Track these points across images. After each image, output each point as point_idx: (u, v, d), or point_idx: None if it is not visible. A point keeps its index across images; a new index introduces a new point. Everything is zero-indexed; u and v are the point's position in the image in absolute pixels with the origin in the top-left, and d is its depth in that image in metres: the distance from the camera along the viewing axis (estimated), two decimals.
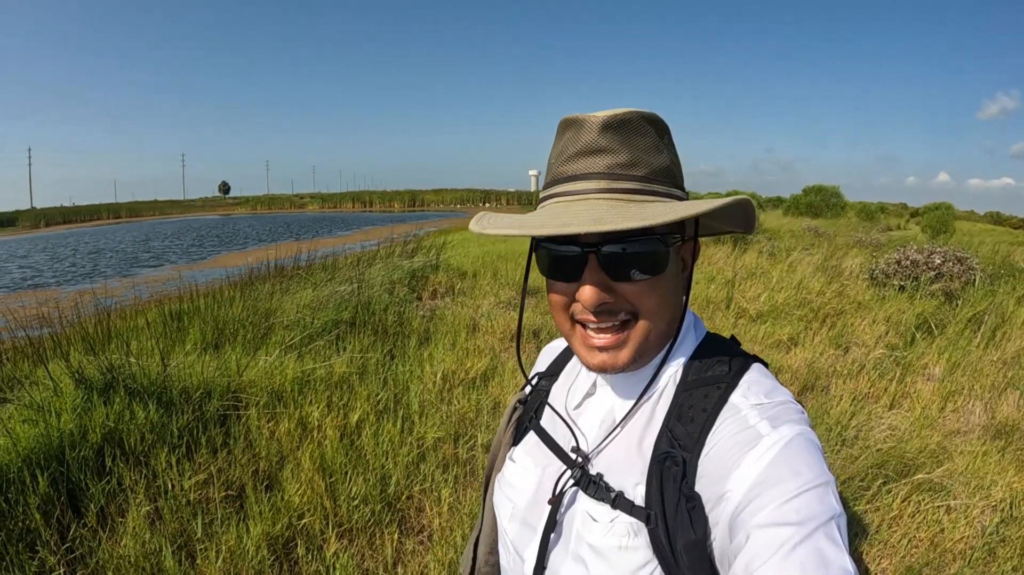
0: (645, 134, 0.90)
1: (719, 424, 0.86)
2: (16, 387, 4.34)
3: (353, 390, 4.69)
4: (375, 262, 9.86)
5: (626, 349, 0.92)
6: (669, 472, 0.85)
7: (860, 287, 9.33)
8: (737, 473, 0.78)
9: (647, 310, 0.91)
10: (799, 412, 0.86)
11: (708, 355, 0.96)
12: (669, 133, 0.95)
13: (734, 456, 0.80)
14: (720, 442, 0.83)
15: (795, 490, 0.73)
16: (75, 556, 3.01)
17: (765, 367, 0.96)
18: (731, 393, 0.88)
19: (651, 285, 0.90)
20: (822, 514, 0.72)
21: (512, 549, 1.06)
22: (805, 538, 0.69)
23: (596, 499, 0.92)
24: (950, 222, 26.24)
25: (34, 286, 18.94)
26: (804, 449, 0.79)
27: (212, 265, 20.03)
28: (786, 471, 0.76)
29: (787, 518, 0.71)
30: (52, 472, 3.31)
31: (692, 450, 0.85)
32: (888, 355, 6.19)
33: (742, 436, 0.82)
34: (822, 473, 0.76)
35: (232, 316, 6.20)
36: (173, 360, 4.58)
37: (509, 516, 1.07)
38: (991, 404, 5.12)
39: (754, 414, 0.84)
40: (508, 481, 1.10)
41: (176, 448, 3.69)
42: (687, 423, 0.88)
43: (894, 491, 3.69)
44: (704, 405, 0.88)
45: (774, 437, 0.80)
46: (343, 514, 3.35)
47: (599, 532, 0.90)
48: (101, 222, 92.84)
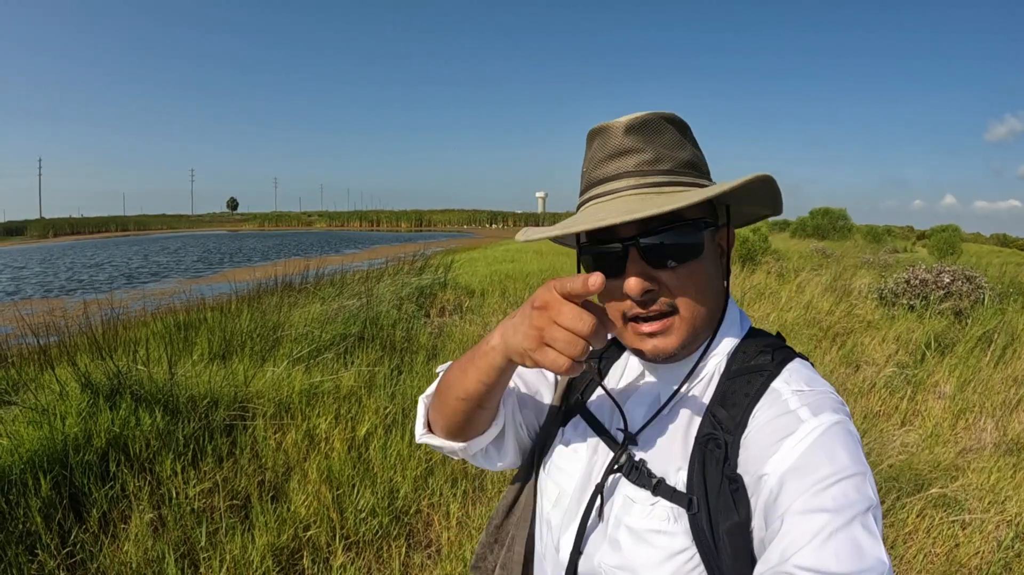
0: (666, 132, 0.94)
1: (760, 407, 0.86)
2: (21, 390, 4.33)
3: (361, 403, 4.67)
4: (383, 279, 9.88)
5: (674, 335, 0.92)
6: (712, 455, 0.85)
7: (869, 307, 9.33)
8: (776, 457, 0.79)
9: (690, 295, 0.92)
10: (840, 403, 0.86)
11: (753, 346, 0.96)
12: (690, 129, 0.98)
13: (773, 439, 0.80)
14: (760, 424, 0.84)
15: (832, 478, 0.73)
16: (75, 561, 2.98)
17: (808, 362, 0.96)
18: (773, 380, 0.89)
19: (690, 270, 0.92)
20: (859, 503, 0.71)
21: (550, 535, 1.04)
22: (841, 527, 0.69)
23: (637, 485, 0.91)
24: (957, 244, 26.26)
25: (46, 293, 19.01)
26: (842, 438, 0.78)
27: (219, 279, 20.04)
28: (824, 458, 0.76)
29: (824, 505, 0.71)
30: (55, 475, 3.28)
31: (734, 432, 0.85)
32: (899, 373, 6.17)
33: (782, 421, 0.82)
34: (859, 462, 0.76)
35: (240, 328, 6.20)
36: (180, 369, 4.57)
37: (554, 501, 1.05)
38: (1002, 421, 5.10)
39: (795, 400, 0.84)
40: (557, 465, 1.07)
41: (181, 456, 3.66)
42: (730, 407, 0.88)
43: (909, 506, 3.67)
44: (747, 390, 0.88)
45: (813, 423, 0.80)
46: (350, 527, 3.31)
47: (638, 515, 0.90)
48: (109, 234, 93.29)
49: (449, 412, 1.04)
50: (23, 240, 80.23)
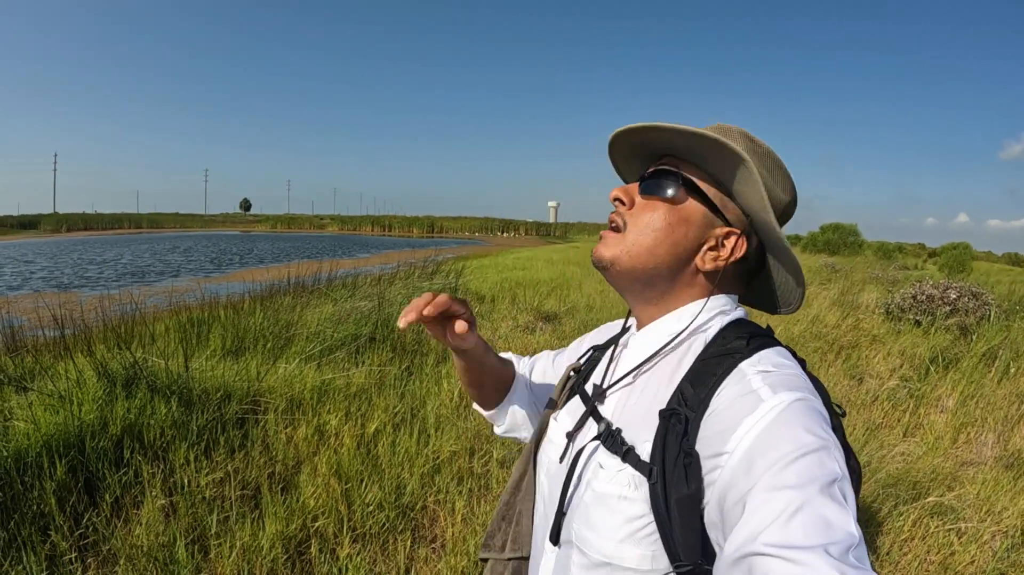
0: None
1: (724, 386, 0.89)
2: (38, 378, 4.41)
3: (371, 401, 4.74)
4: (395, 282, 9.95)
5: (611, 248, 1.05)
6: (673, 429, 0.88)
7: (876, 321, 9.34)
8: (735, 435, 0.80)
9: (640, 224, 1.04)
10: (805, 381, 0.88)
11: (733, 332, 0.99)
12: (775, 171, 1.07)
13: (734, 418, 0.82)
14: (721, 404, 0.86)
15: (794, 454, 0.74)
16: (87, 543, 3.04)
17: (790, 352, 1.00)
18: (742, 362, 0.92)
19: (653, 206, 1.04)
20: (823, 477, 0.72)
21: (544, 502, 1.12)
22: (807, 502, 0.69)
23: (610, 451, 0.96)
24: (967, 262, 26.12)
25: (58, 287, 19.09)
26: (804, 413, 0.80)
27: (231, 279, 20.10)
28: (784, 435, 0.77)
29: (787, 482, 0.72)
30: (71, 460, 3.35)
31: (696, 410, 0.88)
32: (902, 387, 6.18)
33: (743, 400, 0.84)
34: (821, 437, 0.77)
35: (253, 325, 6.28)
36: (195, 362, 4.64)
37: (546, 471, 1.13)
38: (1004, 436, 5.11)
39: (758, 379, 0.87)
40: (549, 438, 1.16)
41: (195, 446, 3.74)
42: (697, 386, 0.91)
43: (905, 514, 3.70)
44: (715, 370, 0.91)
45: (773, 402, 0.81)
46: (357, 519, 3.36)
47: (604, 479, 0.94)
48: (122, 231, 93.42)
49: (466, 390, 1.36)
50: (36, 234, 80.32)
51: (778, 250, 1.04)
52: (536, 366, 1.43)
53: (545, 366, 1.41)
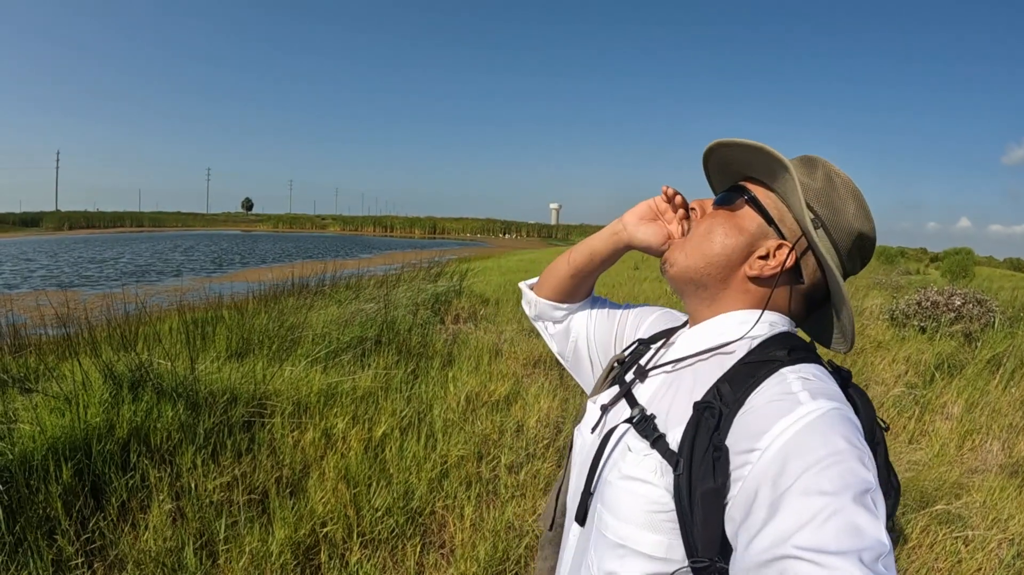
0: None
1: (762, 387, 0.90)
2: (42, 378, 4.40)
3: (378, 405, 4.73)
4: (399, 284, 9.94)
5: (673, 250, 1.16)
6: (705, 422, 0.88)
7: (880, 327, 9.35)
8: (769, 434, 0.81)
9: (697, 229, 1.14)
10: (841, 396, 0.89)
11: (777, 343, 1.00)
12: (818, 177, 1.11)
13: (769, 417, 0.83)
14: (758, 402, 0.87)
15: (829, 459, 0.75)
16: (94, 547, 3.02)
17: (832, 368, 1.02)
18: (783, 367, 0.93)
19: (713, 215, 1.12)
20: (856, 485, 0.72)
21: (575, 482, 1.14)
22: (840, 508, 0.70)
23: (641, 435, 0.97)
24: (970, 267, 26.11)
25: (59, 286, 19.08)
26: (840, 422, 0.81)
27: (234, 278, 20.11)
28: (820, 440, 0.77)
29: (822, 487, 0.72)
30: (77, 463, 3.33)
31: (731, 406, 0.89)
32: (907, 393, 6.19)
33: (781, 401, 0.85)
34: (858, 446, 0.78)
35: (258, 327, 6.27)
36: (200, 365, 4.64)
37: (579, 450, 1.17)
38: (1009, 443, 5.12)
39: (798, 384, 0.88)
40: (585, 421, 1.19)
41: (201, 449, 3.72)
42: (734, 385, 0.92)
43: (913, 522, 3.71)
44: (754, 373, 0.93)
45: (811, 406, 0.82)
46: (366, 524, 3.35)
47: (631, 462, 0.96)
48: (124, 230, 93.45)
49: (559, 276, 1.40)
50: (38, 231, 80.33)
51: (827, 270, 1.05)
52: (606, 306, 1.47)
53: (611, 312, 1.44)
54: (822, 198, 1.05)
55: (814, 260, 1.06)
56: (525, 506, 3.70)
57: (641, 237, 1.24)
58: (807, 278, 1.07)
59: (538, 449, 4.43)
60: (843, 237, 1.06)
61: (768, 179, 1.08)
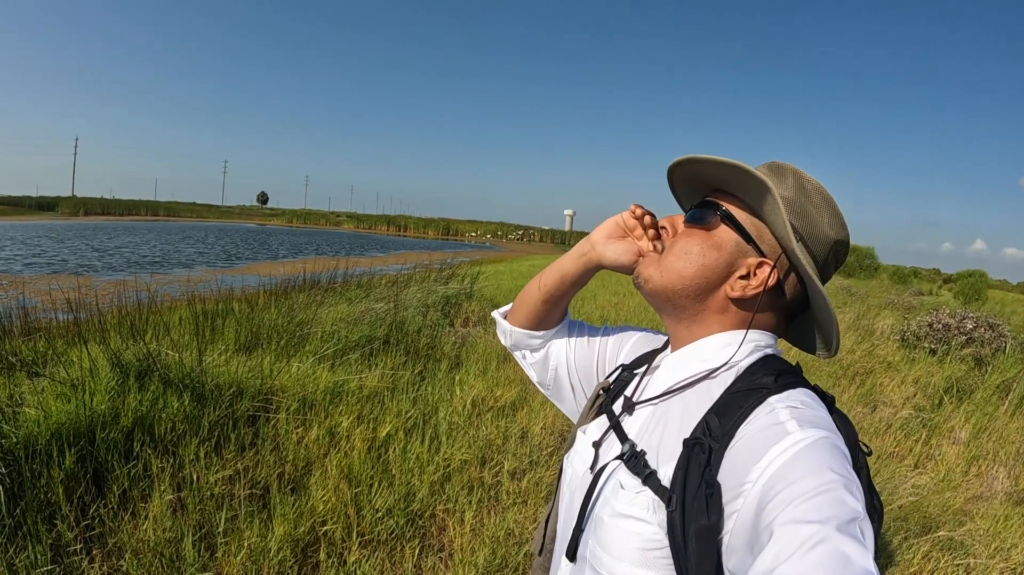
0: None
1: (751, 418, 0.90)
2: (50, 363, 4.41)
3: (384, 405, 4.72)
4: (410, 285, 9.93)
5: (647, 267, 1.15)
6: (696, 458, 0.88)
7: (891, 347, 9.31)
8: (759, 465, 0.81)
9: (672, 247, 1.12)
10: (829, 423, 0.89)
11: (762, 368, 1.00)
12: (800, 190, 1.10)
13: (758, 448, 0.83)
14: (747, 435, 0.87)
15: (817, 489, 0.75)
16: (93, 534, 3.03)
17: (815, 395, 1.00)
18: (771, 396, 0.92)
19: (688, 234, 1.10)
20: (844, 514, 0.72)
21: (564, 515, 1.15)
22: (827, 537, 0.69)
23: (632, 472, 0.97)
24: (983, 290, 26.00)
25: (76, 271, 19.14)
26: (828, 451, 0.81)
27: (246, 271, 20.15)
28: (809, 469, 0.78)
29: (808, 517, 0.72)
30: (80, 450, 3.33)
31: (721, 441, 0.88)
32: (915, 416, 6.16)
33: (769, 431, 0.85)
34: (845, 475, 0.78)
35: (267, 321, 6.28)
36: (208, 357, 4.64)
37: (568, 482, 1.17)
38: (1015, 471, 5.09)
39: (785, 413, 0.88)
40: (575, 450, 1.19)
41: (205, 442, 3.72)
42: (723, 417, 0.92)
43: (915, 547, 3.67)
44: (742, 403, 0.92)
45: (799, 435, 0.82)
46: (366, 524, 3.34)
47: (623, 499, 0.96)
48: (138, 217, 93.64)
49: (531, 302, 1.38)
50: (53, 216, 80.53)
51: (808, 283, 1.04)
52: (584, 330, 1.45)
53: (590, 338, 1.43)
54: (796, 209, 1.04)
55: (794, 274, 1.06)
56: (526, 513, 3.68)
57: (611, 256, 1.23)
58: (788, 292, 1.07)
59: (542, 456, 4.41)
60: (820, 248, 1.05)
61: (744, 195, 1.07)
